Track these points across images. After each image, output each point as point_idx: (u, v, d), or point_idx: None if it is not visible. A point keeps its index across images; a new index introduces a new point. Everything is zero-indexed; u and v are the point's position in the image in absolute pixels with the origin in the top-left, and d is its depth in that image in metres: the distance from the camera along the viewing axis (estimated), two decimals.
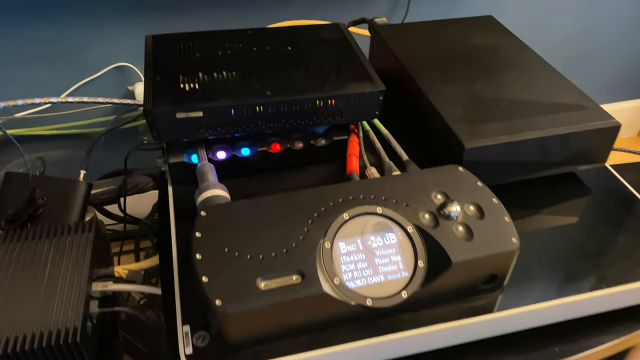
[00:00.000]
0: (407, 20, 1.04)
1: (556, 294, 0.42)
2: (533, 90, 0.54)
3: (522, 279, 0.43)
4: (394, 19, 1.05)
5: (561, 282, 0.44)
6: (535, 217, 0.50)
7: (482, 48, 0.61)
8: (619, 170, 1.21)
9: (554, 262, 0.45)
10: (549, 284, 0.43)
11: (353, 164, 0.50)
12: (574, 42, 1.28)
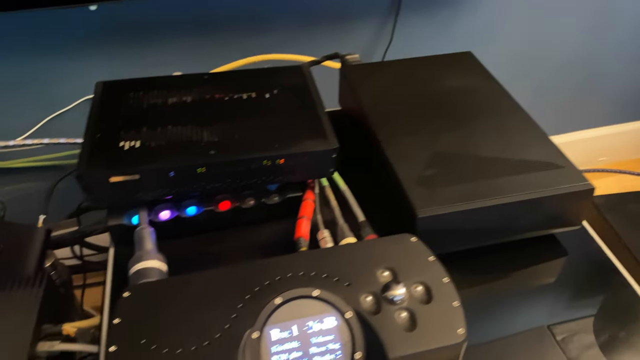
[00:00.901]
0: (392, 45, 1.01)
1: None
2: (503, 144, 0.51)
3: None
4: (380, 43, 1.02)
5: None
6: (497, 282, 0.47)
7: (454, 92, 0.58)
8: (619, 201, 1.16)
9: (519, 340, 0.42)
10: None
11: (302, 228, 0.47)
12: (583, 62, 1.24)
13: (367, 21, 0.98)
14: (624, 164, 1.49)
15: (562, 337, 0.43)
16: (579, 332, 0.44)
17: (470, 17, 1.06)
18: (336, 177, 0.54)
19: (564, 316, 0.45)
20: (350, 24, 0.98)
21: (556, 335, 0.44)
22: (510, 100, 0.57)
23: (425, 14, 1.01)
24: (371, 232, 0.48)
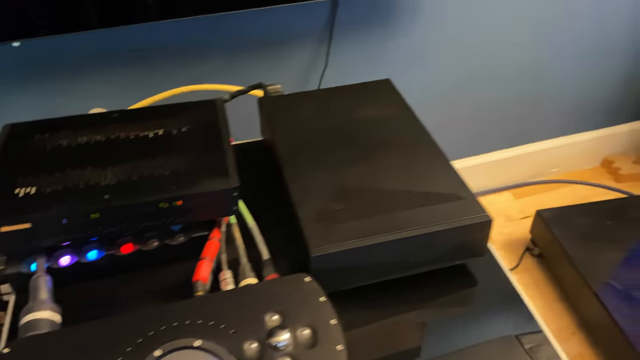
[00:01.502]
0: (328, 71, 1.02)
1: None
2: (408, 176, 0.51)
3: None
4: (316, 69, 1.03)
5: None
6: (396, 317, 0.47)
7: (367, 123, 0.59)
8: (566, 214, 1.18)
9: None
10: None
11: (200, 271, 0.47)
12: (531, 76, 1.26)
13: (302, 48, 0.99)
14: (578, 174, 1.52)
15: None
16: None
17: (405, 39, 1.07)
18: (245, 213, 0.54)
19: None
20: (286, 52, 0.99)
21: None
22: (420, 130, 0.58)
23: (358, 39, 1.02)
24: (273, 271, 0.48)
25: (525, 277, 1.19)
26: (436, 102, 1.22)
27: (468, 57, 1.16)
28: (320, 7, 0.95)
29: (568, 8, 1.17)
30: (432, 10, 1.05)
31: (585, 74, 1.32)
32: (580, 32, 1.23)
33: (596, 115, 1.44)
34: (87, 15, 0.76)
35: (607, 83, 1.37)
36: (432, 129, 1.25)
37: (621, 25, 1.25)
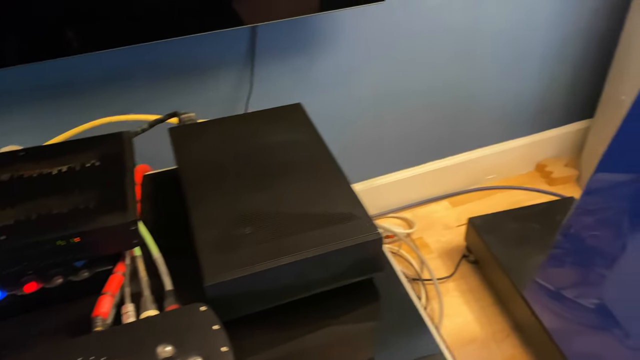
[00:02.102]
0: (254, 95, 1.04)
1: None
2: (307, 200, 0.54)
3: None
4: (242, 93, 1.05)
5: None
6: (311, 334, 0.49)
7: (272, 149, 0.61)
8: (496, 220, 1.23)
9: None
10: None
11: (100, 307, 0.48)
12: (457, 87, 1.31)
13: (226, 74, 1.01)
14: (513, 179, 1.58)
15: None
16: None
17: (328, 60, 1.11)
18: (150, 244, 0.55)
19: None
20: (210, 78, 1.01)
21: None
22: (324, 153, 0.61)
23: (282, 62, 1.05)
24: (174, 302, 0.49)
25: (462, 284, 1.23)
26: (368, 118, 1.25)
27: (392, 73, 1.21)
28: (240, 33, 0.97)
29: (486, 19, 1.23)
30: (352, 30, 1.09)
31: (509, 84, 1.39)
32: (499, 43, 1.29)
33: (526, 121, 1.51)
34: (5, 51, 0.76)
35: (530, 90, 1.43)
36: (367, 145, 1.30)
37: (537, 34, 1.32)
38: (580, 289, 0.92)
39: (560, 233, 0.92)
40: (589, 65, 1.46)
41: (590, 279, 0.89)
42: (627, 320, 0.86)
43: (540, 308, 1.00)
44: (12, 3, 0.69)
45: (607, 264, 0.86)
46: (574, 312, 0.93)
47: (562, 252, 0.94)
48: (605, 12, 1.35)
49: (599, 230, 0.84)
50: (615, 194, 0.80)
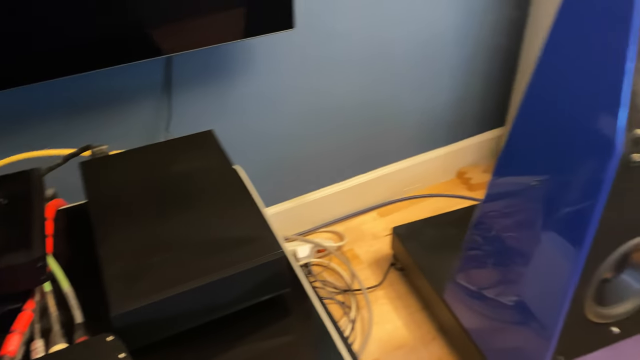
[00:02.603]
0: (174, 122, 1.06)
1: None
2: (214, 224, 0.56)
3: None
4: (162, 122, 1.06)
5: None
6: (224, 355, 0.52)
7: (181, 177, 0.63)
8: (418, 228, 1.29)
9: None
10: None
11: (8, 345, 0.48)
12: (378, 104, 1.38)
13: (144, 104, 1.03)
14: (436, 187, 1.66)
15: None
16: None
17: (247, 84, 1.15)
18: (60, 279, 0.55)
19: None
20: (128, 109, 1.02)
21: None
22: (233, 178, 0.64)
23: (200, 87, 1.07)
24: (84, 334, 0.50)
25: (390, 291, 1.28)
26: (292, 138, 1.30)
27: (311, 95, 1.26)
28: (156, 63, 0.99)
29: (395, 39, 1.30)
30: (267, 55, 1.13)
31: (424, 98, 1.47)
32: (410, 61, 1.37)
33: (444, 132, 1.60)
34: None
35: (444, 104, 1.52)
36: (295, 163, 1.34)
37: (445, 52, 1.41)
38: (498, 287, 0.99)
39: (467, 236, 0.99)
40: (497, 77, 1.57)
41: (500, 277, 0.95)
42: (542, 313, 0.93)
43: (459, 309, 1.06)
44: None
45: (499, 260, 0.93)
46: (493, 310, 0.99)
47: (471, 253, 1.00)
48: (505, 27, 1.46)
49: (502, 231, 0.91)
50: (511, 196, 0.87)
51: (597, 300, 0.82)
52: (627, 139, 0.66)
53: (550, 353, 0.84)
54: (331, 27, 1.18)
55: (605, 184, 0.69)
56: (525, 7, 1.44)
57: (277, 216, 1.40)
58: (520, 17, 1.46)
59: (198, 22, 0.91)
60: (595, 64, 0.67)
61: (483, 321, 1.01)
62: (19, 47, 0.79)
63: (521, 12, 1.44)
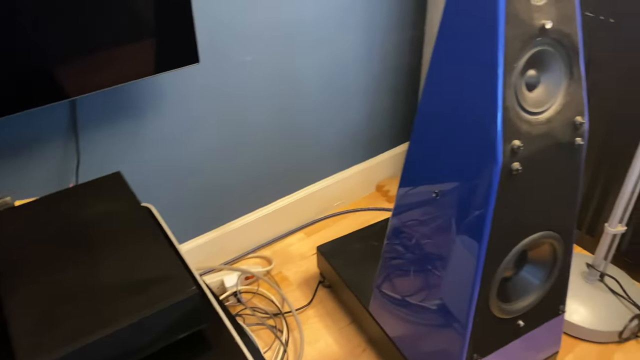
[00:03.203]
0: (84, 164, 1.05)
1: None
2: (122, 269, 0.57)
3: None
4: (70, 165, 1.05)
5: None
6: None
7: (88, 223, 0.64)
8: (341, 244, 1.33)
9: None
10: None
11: None
12: (293, 128, 1.42)
13: (49, 147, 1.01)
14: (358, 202, 1.72)
15: None
16: None
17: (157, 120, 1.16)
18: None
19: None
20: (33, 154, 1.00)
21: None
22: (142, 218, 0.65)
23: (108, 127, 1.07)
24: None
25: (320, 309, 1.32)
26: (211, 168, 1.31)
27: (226, 125, 1.28)
28: (59, 106, 0.98)
29: (303, 65, 1.36)
30: (177, 89, 1.15)
31: (337, 119, 1.53)
32: (320, 84, 1.43)
33: (360, 149, 1.67)
34: None
35: (358, 122, 1.59)
36: (216, 193, 1.35)
37: (353, 73, 1.48)
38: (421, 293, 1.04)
39: (385, 246, 1.04)
40: (403, 94, 1.66)
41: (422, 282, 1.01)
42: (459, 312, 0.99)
43: (385, 319, 1.11)
44: None
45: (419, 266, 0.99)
46: (417, 316, 1.05)
47: (393, 263, 1.05)
48: (406, 47, 1.55)
49: (419, 237, 0.97)
50: (418, 205, 0.93)
51: (501, 298, 0.89)
52: (505, 150, 0.73)
53: (465, 351, 0.90)
54: (238, 58, 1.21)
55: (492, 191, 0.75)
56: (421, 27, 1.54)
57: (202, 248, 1.40)
58: (418, 36, 1.55)
59: (101, 62, 0.91)
60: (472, 82, 0.75)
61: (408, 328, 1.06)
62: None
63: (418, 31, 1.54)
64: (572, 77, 0.77)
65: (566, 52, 0.75)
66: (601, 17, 1.22)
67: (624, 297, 1.27)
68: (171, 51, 0.99)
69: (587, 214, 1.43)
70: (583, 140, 0.80)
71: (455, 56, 0.78)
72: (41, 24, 0.83)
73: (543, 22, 0.71)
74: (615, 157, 1.31)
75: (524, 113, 0.74)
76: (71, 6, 0.85)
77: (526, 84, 0.75)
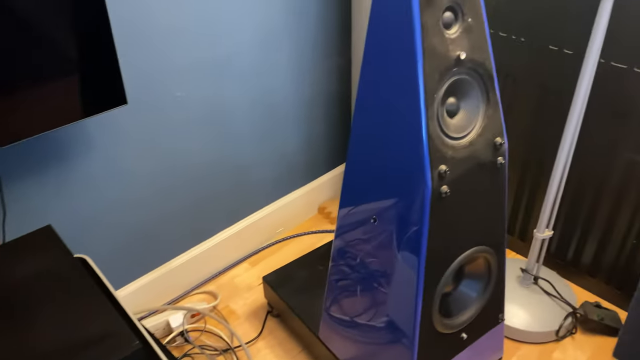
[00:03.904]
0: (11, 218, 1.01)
1: None
2: (59, 330, 0.56)
3: None
4: None
5: None
6: None
7: (20, 285, 0.62)
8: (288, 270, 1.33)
9: None
10: None
11: None
12: (229, 159, 1.42)
13: None
14: (301, 226, 1.74)
15: None
16: None
17: (87, 165, 1.14)
18: None
19: None
20: None
21: None
22: (77, 273, 0.63)
23: (35, 175, 1.04)
24: None
25: (271, 339, 1.31)
26: (148, 206, 1.29)
27: (157, 164, 1.27)
28: None
29: (234, 95, 1.37)
30: (104, 134, 1.13)
31: (273, 146, 1.55)
32: (254, 114, 1.44)
33: (299, 174, 1.69)
34: None
35: (295, 147, 1.62)
36: (155, 231, 1.33)
37: (286, 101, 1.51)
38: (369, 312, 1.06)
39: (331, 268, 1.05)
40: (337, 117, 1.70)
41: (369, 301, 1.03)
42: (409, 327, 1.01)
43: (334, 343, 1.12)
44: None
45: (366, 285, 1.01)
46: (366, 335, 1.06)
47: (340, 284, 1.07)
48: (335, 74, 1.60)
49: (364, 257, 0.99)
50: (360, 224, 0.95)
51: (443, 313, 0.93)
52: (433, 175, 0.77)
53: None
54: (168, 95, 1.21)
55: (425, 213, 0.79)
56: (347, 54, 1.59)
57: (145, 288, 1.37)
58: (345, 63, 1.60)
59: (21, 111, 0.89)
60: (397, 114, 0.78)
61: (358, 349, 1.08)
62: None
63: (345, 59, 1.59)
64: (489, 102, 0.82)
65: (482, 78, 0.80)
66: (513, 37, 1.31)
67: (558, 298, 1.35)
68: (97, 94, 0.98)
69: (517, 220, 1.51)
70: (504, 159, 0.86)
71: (379, 89, 0.81)
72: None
73: (458, 53, 0.76)
74: (538, 168, 1.40)
75: (448, 139, 0.78)
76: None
77: (447, 111, 0.80)
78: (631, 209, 1.25)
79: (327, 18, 1.50)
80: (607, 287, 1.38)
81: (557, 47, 1.23)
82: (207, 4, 1.21)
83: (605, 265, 1.36)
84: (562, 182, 1.21)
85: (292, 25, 1.42)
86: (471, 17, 0.76)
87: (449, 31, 0.75)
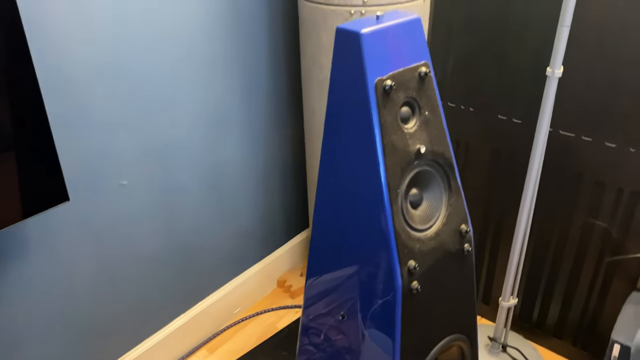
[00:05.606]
0: None
1: None
2: None
3: None
4: None
5: None
6: None
7: None
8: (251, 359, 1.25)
9: None
10: None
11: None
12: (178, 245, 1.36)
13: None
14: (261, 303, 1.68)
15: None
16: None
17: (24, 267, 1.06)
18: None
19: None
20: None
21: None
22: None
23: None
24: None
25: None
26: (92, 307, 1.20)
27: (101, 260, 1.20)
28: None
29: (182, 177, 1.33)
30: (45, 233, 1.06)
31: (225, 224, 1.50)
32: (203, 192, 1.40)
33: (255, 248, 1.64)
34: None
35: (248, 222, 1.57)
36: (101, 331, 1.23)
37: (238, 174, 1.47)
38: None
39: (298, 349, 1.00)
40: (292, 187, 1.67)
41: None
42: None
43: None
44: None
45: None
46: None
47: None
48: (288, 144, 1.59)
49: (329, 334, 0.95)
50: (328, 296, 0.91)
51: None
52: (403, 273, 0.75)
53: None
54: (112, 184, 1.15)
55: (397, 312, 0.76)
56: (297, 125, 1.58)
57: None
58: (296, 134, 1.60)
59: None
60: (361, 211, 0.77)
61: None
62: None
63: (297, 130, 1.59)
64: (452, 190, 0.82)
65: (442, 168, 0.80)
66: (462, 107, 1.34)
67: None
68: (35, 193, 0.92)
69: (479, 284, 1.51)
70: (470, 246, 0.85)
71: (342, 179, 0.79)
72: None
73: (418, 146, 0.75)
74: (495, 230, 1.41)
75: (414, 232, 0.77)
76: None
77: (410, 202, 0.78)
78: (592, 269, 1.27)
79: (278, 92, 1.49)
80: (573, 348, 1.39)
81: (506, 117, 1.27)
82: (151, 92, 1.18)
83: (570, 326, 1.37)
84: (522, 250, 1.22)
85: (240, 105, 1.40)
86: (428, 110, 0.76)
87: (407, 125, 0.75)
